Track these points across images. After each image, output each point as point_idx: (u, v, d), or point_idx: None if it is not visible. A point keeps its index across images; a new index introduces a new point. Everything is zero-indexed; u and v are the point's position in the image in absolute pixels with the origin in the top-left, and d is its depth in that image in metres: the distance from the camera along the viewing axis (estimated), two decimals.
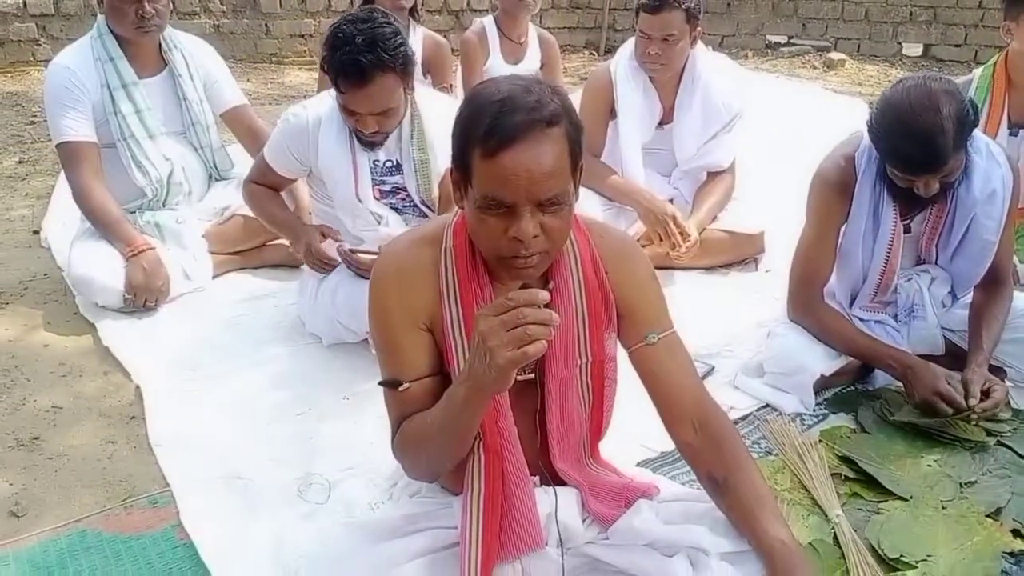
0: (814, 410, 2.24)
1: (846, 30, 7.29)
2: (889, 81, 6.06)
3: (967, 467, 1.99)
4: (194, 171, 3.05)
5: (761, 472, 1.45)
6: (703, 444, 1.44)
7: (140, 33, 2.79)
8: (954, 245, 2.27)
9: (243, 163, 3.27)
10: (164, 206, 2.97)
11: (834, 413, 2.24)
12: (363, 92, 2.22)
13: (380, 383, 1.45)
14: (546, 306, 1.18)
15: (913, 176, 2.02)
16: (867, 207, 2.21)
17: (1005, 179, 2.19)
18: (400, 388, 1.41)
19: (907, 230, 2.27)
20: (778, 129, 4.60)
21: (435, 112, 2.47)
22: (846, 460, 2.01)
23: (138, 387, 2.34)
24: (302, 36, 6.56)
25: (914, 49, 7.01)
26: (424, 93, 2.58)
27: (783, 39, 7.32)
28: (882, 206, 2.20)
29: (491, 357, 1.17)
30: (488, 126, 1.21)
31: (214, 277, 2.97)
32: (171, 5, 2.91)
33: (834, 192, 2.23)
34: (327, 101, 2.47)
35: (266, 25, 6.57)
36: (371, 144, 2.40)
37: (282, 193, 2.69)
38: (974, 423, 2.06)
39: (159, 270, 2.71)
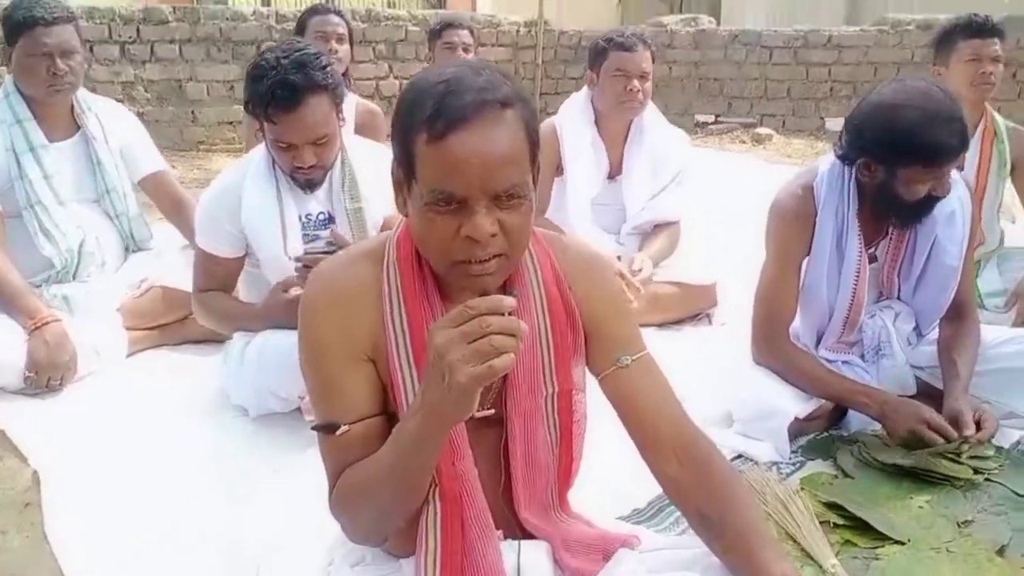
0: (790, 458, 2.08)
1: (770, 107, 7.50)
2: (817, 153, 6.22)
3: (961, 506, 1.84)
4: (108, 241, 2.82)
5: (759, 506, 1.27)
6: (690, 477, 1.26)
7: (52, 92, 2.60)
8: (916, 274, 2.19)
9: (162, 234, 3.08)
10: (74, 278, 2.72)
11: (811, 460, 2.08)
12: (297, 116, 2.08)
13: (314, 427, 1.24)
14: (510, 315, 1.01)
15: (943, 166, 1.92)
16: (830, 238, 2.11)
17: (963, 199, 2.14)
18: (338, 432, 1.20)
19: (872, 260, 2.18)
20: (720, 190, 4.60)
21: (366, 158, 2.34)
22: (832, 506, 1.84)
23: (36, 472, 2.05)
24: (230, 123, 6.43)
25: (836, 123, 7.21)
26: (354, 141, 2.44)
27: (711, 118, 7.49)
28: (846, 235, 2.11)
29: (451, 375, 0.99)
30: (433, 108, 1.05)
31: (129, 355, 2.70)
32: (85, 65, 2.72)
33: (794, 223, 2.14)
34: (252, 156, 2.32)
35: (193, 112, 6.42)
36: (308, 184, 2.24)
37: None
38: (965, 455, 1.92)
39: (65, 344, 2.44)
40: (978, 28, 2.90)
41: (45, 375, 2.41)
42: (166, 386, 2.53)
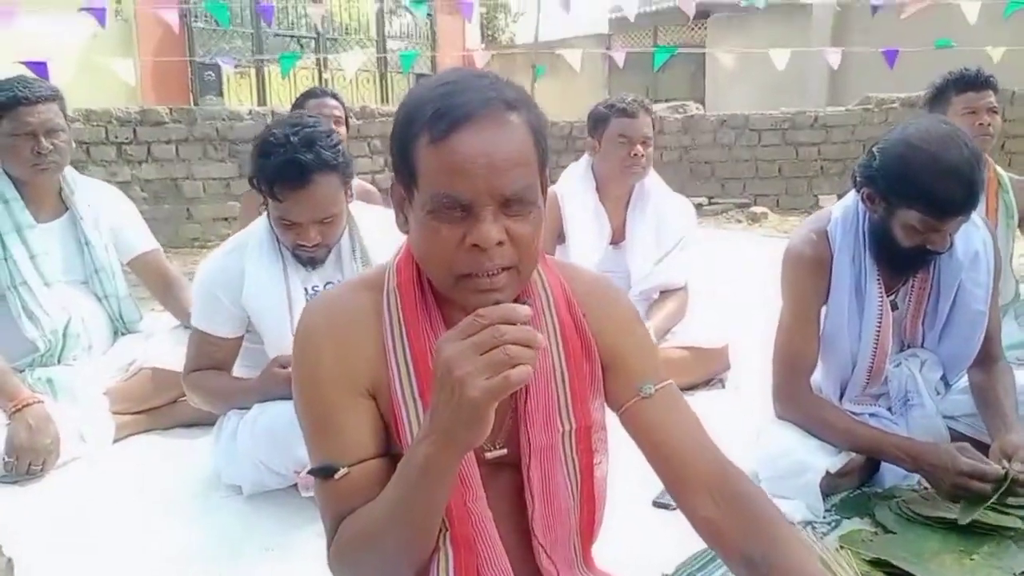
0: (824, 516, 1.93)
1: (763, 187, 7.57)
2: None
3: (1016, 557, 1.71)
4: (96, 322, 2.72)
5: (811, 548, 1.14)
6: (728, 516, 1.13)
7: (37, 171, 2.55)
8: (942, 321, 2.09)
9: (151, 317, 3.00)
10: (59, 361, 2.61)
11: (847, 518, 1.94)
12: (304, 195, 1.99)
13: (310, 471, 1.12)
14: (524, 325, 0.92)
15: (946, 220, 1.83)
16: (848, 283, 2.02)
17: (986, 241, 2.06)
18: (337, 475, 1.08)
19: (892, 307, 2.08)
20: (723, 260, 4.56)
21: (374, 223, 2.27)
22: (878, 564, 1.69)
23: (10, 560, 1.89)
24: (225, 219, 6.43)
25: (829, 200, 7.26)
26: (359, 207, 2.37)
27: (704, 200, 7.53)
28: (864, 281, 2.02)
29: (461, 391, 0.89)
30: (435, 108, 0.98)
31: (116, 440, 2.57)
32: (71, 143, 2.67)
33: (809, 268, 2.05)
34: (251, 231, 2.23)
35: (188, 210, 6.44)
36: (311, 261, 2.14)
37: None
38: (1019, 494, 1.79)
39: (47, 427, 2.31)
40: (971, 81, 2.88)
41: (26, 460, 2.27)
42: (155, 471, 2.39)
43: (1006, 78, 3.11)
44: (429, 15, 11.62)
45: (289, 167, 1.96)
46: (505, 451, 1.15)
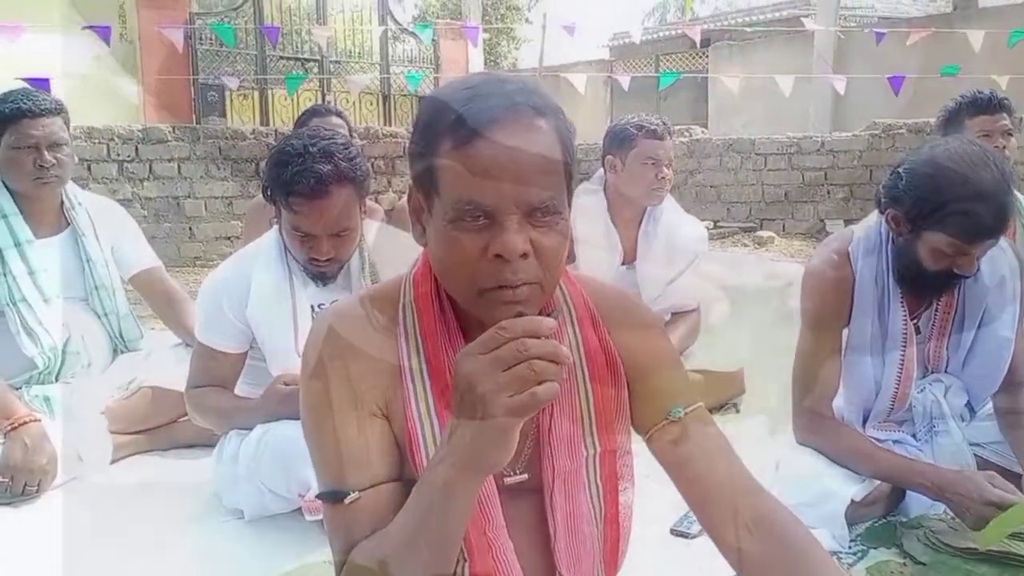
0: (849, 546, 1.86)
1: (769, 211, 7.54)
2: None
3: None
4: (96, 340, 2.66)
5: None
6: (765, 550, 1.06)
7: (39, 185, 2.50)
8: (967, 346, 2.03)
9: (152, 335, 2.93)
10: (57, 379, 2.54)
11: (873, 548, 1.87)
12: (320, 207, 1.94)
13: (319, 495, 1.06)
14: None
15: (975, 244, 1.78)
16: (871, 306, 1.97)
17: (1012, 266, 2.00)
18: (347, 500, 1.01)
19: (915, 331, 2.02)
20: (734, 282, 4.52)
21: (385, 241, 2.22)
22: None
23: None
24: (228, 238, 6.39)
25: (836, 225, 7.23)
26: (369, 225, 2.32)
27: (710, 224, 7.50)
28: (888, 303, 1.96)
29: (485, 409, 0.84)
30: (459, 113, 0.93)
31: (113, 461, 2.49)
32: (74, 158, 2.63)
33: (830, 289, 1.99)
34: (261, 243, 2.18)
35: (190, 228, 6.40)
36: (321, 277, 2.09)
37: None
38: None
39: (43, 446, 2.23)
40: (985, 104, 2.85)
41: (21, 480, 2.19)
42: (153, 492, 2.31)
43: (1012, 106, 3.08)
44: (434, 40, 11.65)
45: (306, 177, 1.92)
46: (526, 476, 1.09)
